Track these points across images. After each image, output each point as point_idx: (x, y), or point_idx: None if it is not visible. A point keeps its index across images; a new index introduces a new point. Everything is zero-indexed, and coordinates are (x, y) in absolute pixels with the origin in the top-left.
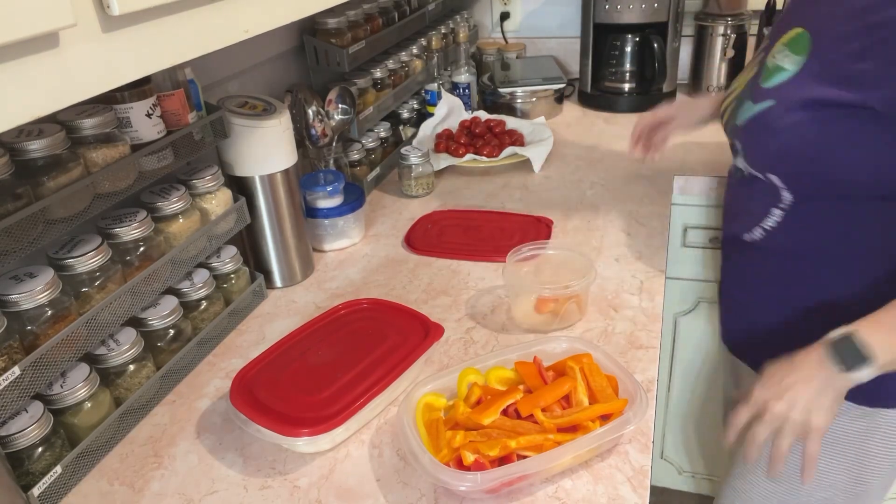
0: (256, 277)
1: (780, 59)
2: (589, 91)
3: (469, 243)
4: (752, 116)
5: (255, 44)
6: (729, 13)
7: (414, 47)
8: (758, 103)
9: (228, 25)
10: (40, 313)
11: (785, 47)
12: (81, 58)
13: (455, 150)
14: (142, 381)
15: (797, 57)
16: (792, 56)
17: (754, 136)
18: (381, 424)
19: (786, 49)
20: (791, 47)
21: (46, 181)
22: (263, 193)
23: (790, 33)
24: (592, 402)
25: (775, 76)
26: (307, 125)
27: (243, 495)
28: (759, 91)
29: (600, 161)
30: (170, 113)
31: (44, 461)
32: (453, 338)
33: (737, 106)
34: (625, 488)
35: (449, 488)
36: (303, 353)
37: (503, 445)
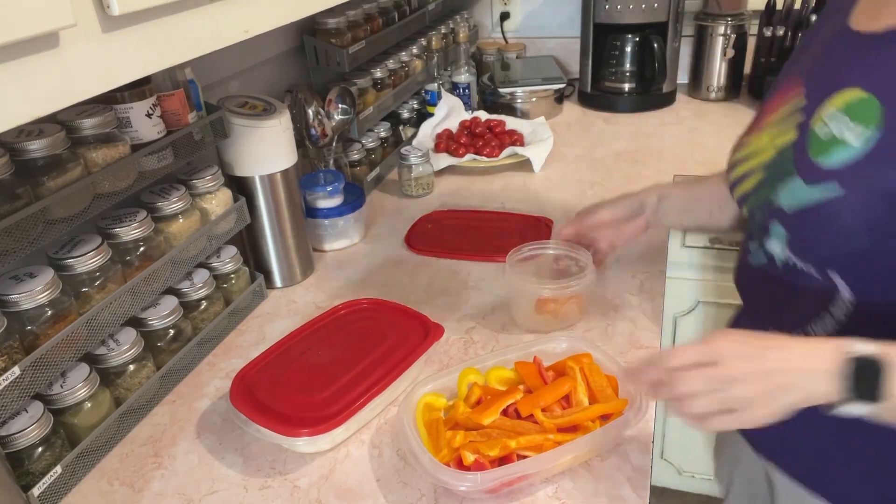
0: (256, 277)
1: (837, 128)
2: (589, 91)
3: (469, 243)
4: (810, 204)
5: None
6: (729, 13)
7: (414, 47)
8: (813, 184)
9: (228, 25)
10: (40, 313)
11: (843, 114)
12: (81, 58)
13: (455, 150)
14: (142, 381)
15: (864, 129)
16: (856, 127)
17: (814, 229)
18: (381, 424)
19: (844, 117)
20: (853, 115)
21: (46, 181)
22: (263, 193)
23: (844, 95)
24: (592, 403)
25: (835, 151)
26: (307, 125)
27: (243, 495)
28: (815, 169)
29: (600, 161)
30: (170, 113)
31: (44, 461)
32: (453, 338)
33: (771, 179)
34: (625, 488)
35: (449, 488)
36: (303, 353)
37: (503, 445)
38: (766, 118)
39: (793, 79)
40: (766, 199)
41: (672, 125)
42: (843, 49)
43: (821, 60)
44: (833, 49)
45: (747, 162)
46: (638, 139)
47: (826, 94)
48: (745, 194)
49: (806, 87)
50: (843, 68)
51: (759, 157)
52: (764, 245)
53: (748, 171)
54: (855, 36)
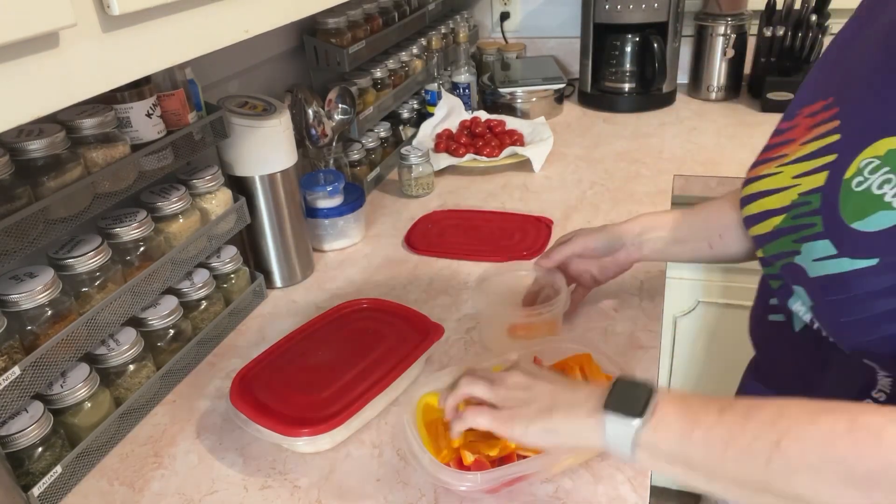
0: (256, 277)
1: (877, 184)
2: (589, 91)
3: (469, 243)
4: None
5: (255, 44)
6: (729, 13)
7: (414, 47)
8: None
9: (228, 25)
10: (40, 313)
11: (884, 165)
12: (81, 58)
13: (455, 150)
14: (142, 381)
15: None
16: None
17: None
18: (381, 424)
19: (886, 169)
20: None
21: (46, 181)
22: (263, 193)
23: (888, 142)
24: None
25: (873, 213)
26: (307, 125)
27: (243, 495)
28: (849, 233)
29: (600, 161)
30: (170, 113)
31: (44, 461)
32: (453, 338)
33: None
34: (625, 488)
35: (449, 488)
36: (303, 353)
37: (503, 445)
38: (789, 147)
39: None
40: (787, 253)
41: (672, 125)
42: (891, 76)
43: (863, 85)
44: (879, 71)
45: (764, 200)
46: (638, 139)
47: (867, 137)
48: (760, 238)
49: (842, 119)
50: (892, 104)
51: (779, 197)
52: (790, 306)
53: (765, 211)
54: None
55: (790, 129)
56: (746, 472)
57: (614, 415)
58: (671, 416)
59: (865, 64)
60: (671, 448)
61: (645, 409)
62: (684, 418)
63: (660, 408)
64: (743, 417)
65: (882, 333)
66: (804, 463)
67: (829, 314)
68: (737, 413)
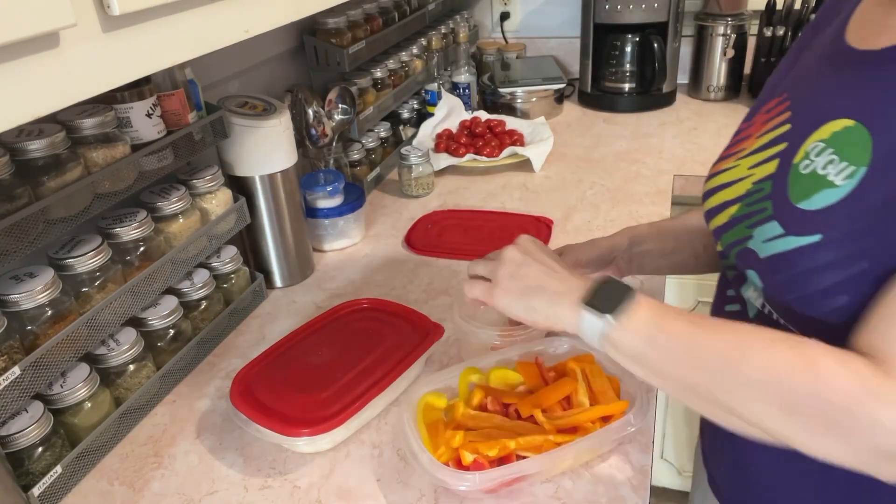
0: (256, 277)
1: (821, 165)
2: (589, 91)
3: (469, 243)
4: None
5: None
6: (729, 13)
7: (414, 47)
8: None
9: (228, 25)
10: (40, 313)
11: (828, 148)
12: (81, 58)
13: (455, 150)
14: (142, 381)
15: (851, 167)
16: (842, 165)
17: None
18: (381, 424)
19: (830, 150)
20: (840, 149)
21: (46, 181)
22: (263, 193)
23: (833, 126)
24: (593, 404)
25: (817, 193)
26: (307, 125)
27: (243, 495)
28: (795, 213)
29: (600, 161)
30: (170, 113)
31: (44, 461)
32: (453, 338)
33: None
34: (625, 489)
35: (448, 488)
36: (303, 353)
37: (503, 446)
38: (746, 142)
39: (780, 97)
40: (740, 240)
41: (672, 125)
42: (836, 68)
43: (811, 81)
44: (825, 68)
45: (722, 192)
46: (638, 139)
47: (813, 123)
48: (718, 229)
49: (792, 110)
50: (834, 93)
51: (735, 188)
52: (743, 293)
53: (723, 202)
54: (849, 53)
55: (748, 127)
56: (697, 381)
57: (591, 310)
58: (642, 320)
59: (815, 63)
60: (634, 348)
61: (620, 308)
62: (653, 324)
63: (634, 311)
64: (708, 333)
65: (826, 308)
66: (751, 381)
67: (777, 293)
68: (704, 328)
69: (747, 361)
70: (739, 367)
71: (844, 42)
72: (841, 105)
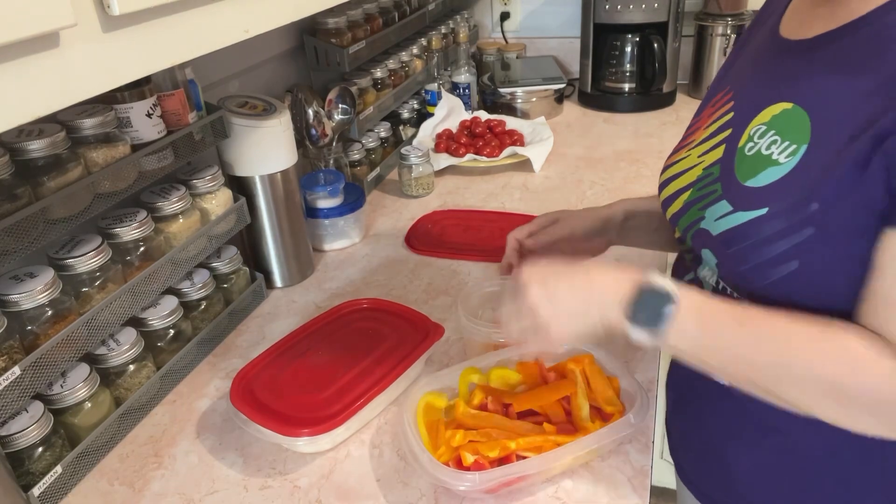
0: (256, 277)
1: (765, 146)
2: (589, 91)
3: (469, 243)
4: (735, 227)
5: (255, 44)
6: (729, 13)
7: (414, 47)
8: (741, 210)
9: (228, 25)
10: (40, 313)
11: (770, 130)
12: (82, 58)
13: (455, 150)
14: (142, 381)
15: (793, 146)
16: (783, 144)
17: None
18: (381, 424)
19: (772, 133)
20: (781, 130)
21: (46, 181)
22: (263, 193)
23: (773, 109)
24: (593, 404)
25: (762, 171)
26: (307, 125)
27: (243, 495)
28: (742, 191)
29: (600, 161)
30: (170, 113)
31: (44, 461)
32: (453, 338)
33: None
34: (625, 488)
35: (449, 488)
36: (303, 353)
37: (503, 446)
38: (696, 133)
39: (724, 89)
40: (694, 222)
41: (672, 125)
42: (772, 58)
43: (750, 71)
44: (762, 59)
45: (676, 181)
46: (638, 139)
47: (754, 109)
48: (674, 216)
49: (735, 100)
50: (771, 80)
51: (687, 176)
52: (699, 273)
53: (676, 190)
54: (784, 44)
55: (698, 121)
56: (746, 376)
57: (636, 325)
58: (690, 330)
59: (753, 56)
60: (684, 352)
61: (662, 319)
62: (698, 330)
63: (677, 318)
64: (753, 333)
65: (778, 275)
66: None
67: (730, 266)
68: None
69: (794, 362)
70: (789, 367)
71: (779, 35)
72: (777, 91)
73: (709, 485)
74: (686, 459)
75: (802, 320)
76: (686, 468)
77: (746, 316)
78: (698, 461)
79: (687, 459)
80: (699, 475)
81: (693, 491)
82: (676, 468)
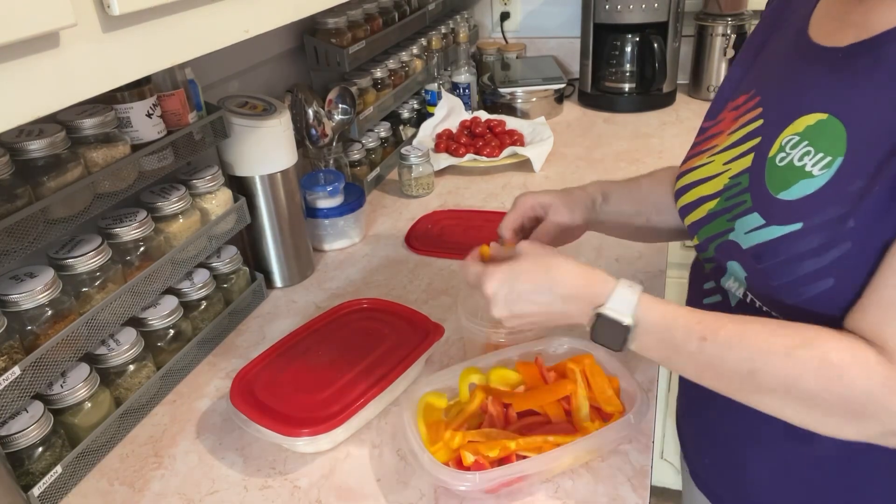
0: (256, 277)
1: (797, 157)
2: (589, 91)
3: (469, 243)
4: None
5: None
6: (729, 13)
7: (414, 47)
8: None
9: (228, 25)
10: (40, 313)
11: (804, 141)
12: (82, 58)
13: (455, 150)
14: (142, 381)
15: (828, 158)
16: (818, 156)
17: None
18: (381, 424)
19: (805, 143)
20: (815, 141)
21: (46, 181)
22: (263, 193)
23: (807, 119)
24: (593, 404)
25: (795, 183)
26: (307, 125)
27: (243, 495)
28: (775, 203)
29: (600, 161)
30: (170, 113)
31: (44, 461)
32: (453, 338)
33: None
34: (625, 488)
35: (449, 488)
36: (303, 353)
37: (503, 446)
38: (717, 138)
39: (748, 93)
40: (720, 233)
41: (672, 125)
42: (803, 64)
43: (780, 77)
44: (793, 64)
45: (697, 188)
46: (638, 139)
47: (786, 117)
48: (695, 224)
49: (763, 106)
50: (803, 88)
51: (712, 184)
52: (724, 284)
53: (699, 198)
54: (815, 50)
55: (717, 124)
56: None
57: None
58: (652, 347)
59: (780, 60)
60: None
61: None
62: (665, 346)
63: (638, 341)
64: (722, 348)
65: (811, 293)
66: (773, 389)
67: (761, 281)
68: (718, 343)
69: (767, 374)
70: (759, 381)
71: (808, 38)
72: (812, 100)
73: (722, 487)
74: (699, 462)
75: (779, 330)
76: (699, 470)
77: (711, 329)
78: (713, 464)
79: (701, 461)
80: (713, 477)
81: (706, 493)
82: (689, 470)
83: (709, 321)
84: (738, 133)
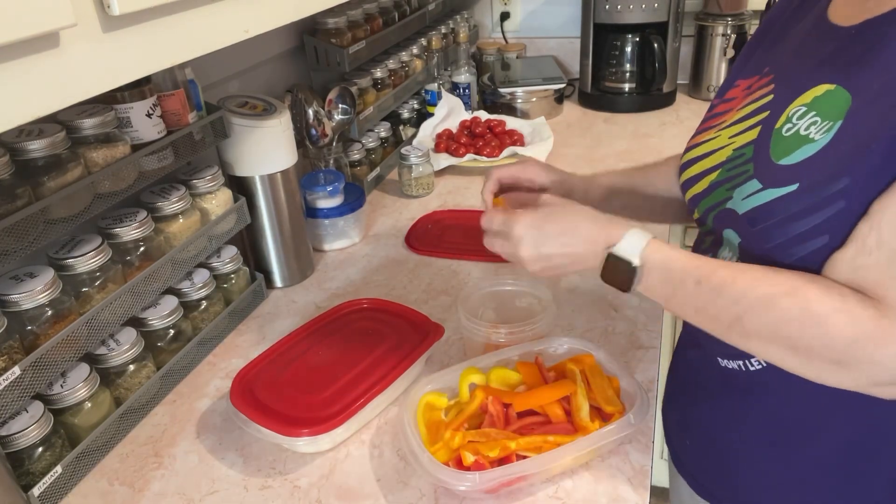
0: (256, 277)
1: (804, 126)
2: (589, 91)
3: (469, 243)
4: (762, 205)
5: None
6: (729, 13)
7: (414, 47)
8: (770, 187)
9: (228, 25)
10: (40, 313)
11: (810, 110)
12: (82, 58)
13: (455, 150)
14: (142, 381)
15: (829, 122)
16: (821, 122)
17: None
18: (381, 424)
19: (812, 113)
20: (820, 109)
21: (46, 181)
22: (263, 193)
23: (814, 91)
24: (593, 404)
25: (796, 149)
26: (307, 125)
27: (243, 495)
28: (773, 168)
29: (600, 161)
30: (170, 113)
31: (44, 461)
32: (453, 338)
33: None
34: (625, 488)
35: (449, 488)
36: (303, 353)
37: (503, 446)
38: (727, 115)
39: (761, 72)
40: (719, 202)
41: (672, 125)
42: (817, 43)
43: (795, 56)
44: (809, 44)
45: (701, 162)
46: (638, 139)
47: (795, 91)
48: (696, 197)
49: (776, 82)
50: (815, 63)
51: (715, 157)
52: (721, 255)
53: (702, 171)
54: (832, 30)
55: (726, 102)
56: (713, 329)
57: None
58: (655, 287)
59: (798, 43)
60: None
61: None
62: (666, 286)
63: (644, 280)
64: (714, 293)
65: (805, 251)
66: (758, 333)
67: (754, 244)
68: (710, 287)
69: (757, 322)
70: (748, 325)
71: (827, 20)
72: (821, 73)
73: (706, 476)
74: (683, 450)
75: (768, 277)
76: (683, 459)
77: (705, 273)
78: (696, 453)
79: (685, 450)
80: (697, 467)
81: (690, 482)
82: (672, 458)
83: (706, 265)
84: (748, 108)
